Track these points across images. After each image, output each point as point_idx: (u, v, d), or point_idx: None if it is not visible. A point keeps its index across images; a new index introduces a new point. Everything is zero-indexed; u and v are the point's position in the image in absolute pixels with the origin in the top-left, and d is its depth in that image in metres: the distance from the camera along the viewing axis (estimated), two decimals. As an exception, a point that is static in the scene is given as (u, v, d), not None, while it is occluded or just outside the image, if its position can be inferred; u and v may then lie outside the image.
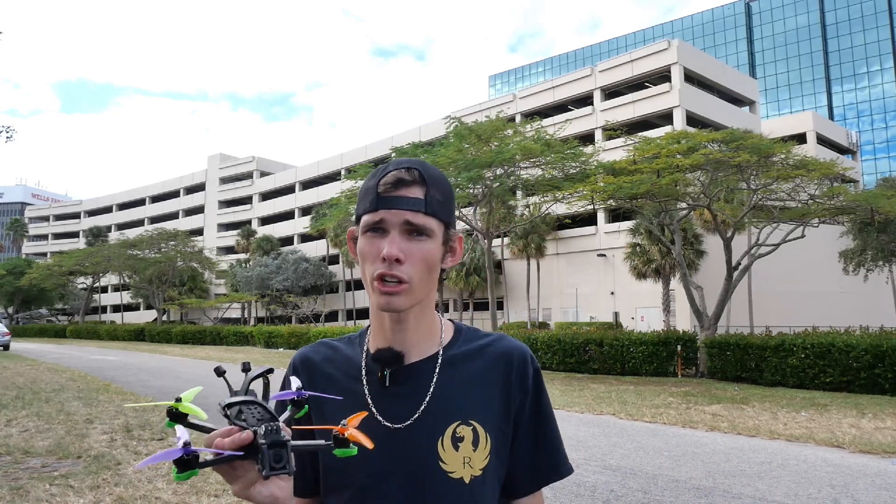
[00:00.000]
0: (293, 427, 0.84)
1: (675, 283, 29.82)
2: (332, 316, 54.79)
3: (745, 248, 18.93)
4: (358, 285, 52.04)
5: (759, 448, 7.25)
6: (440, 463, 0.99)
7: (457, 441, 1.00)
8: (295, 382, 0.91)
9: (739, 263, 17.92)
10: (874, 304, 36.58)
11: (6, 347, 28.94)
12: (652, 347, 16.62)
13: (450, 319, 1.13)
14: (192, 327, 42.05)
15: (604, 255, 37.79)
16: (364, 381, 1.05)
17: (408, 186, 0.98)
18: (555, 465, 1.09)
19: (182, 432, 0.76)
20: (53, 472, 5.73)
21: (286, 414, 0.87)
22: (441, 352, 1.06)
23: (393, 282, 0.96)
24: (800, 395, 12.15)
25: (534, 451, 1.07)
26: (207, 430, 0.81)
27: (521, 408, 1.06)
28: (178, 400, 0.79)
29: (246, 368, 0.88)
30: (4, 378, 14.54)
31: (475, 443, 1.00)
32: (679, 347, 16.46)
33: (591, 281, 38.72)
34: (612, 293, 37.59)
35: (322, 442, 0.80)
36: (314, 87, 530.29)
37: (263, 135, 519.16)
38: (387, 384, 1.03)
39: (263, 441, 0.74)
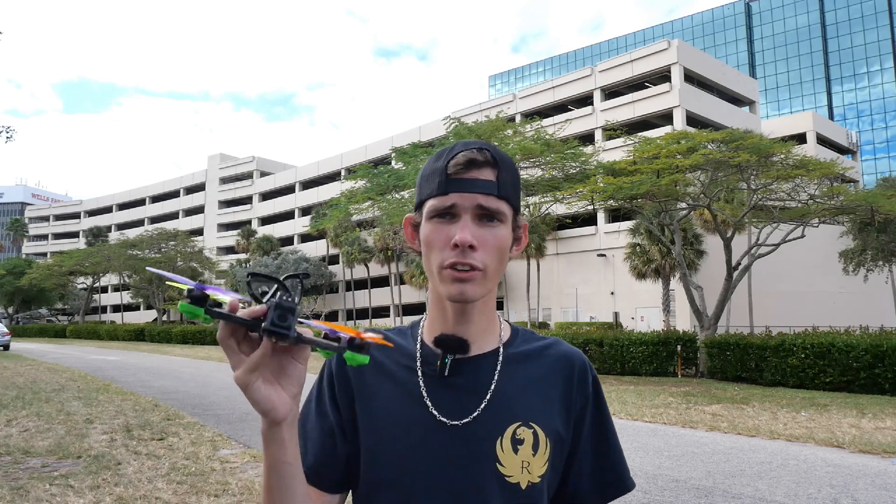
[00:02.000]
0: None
1: (675, 283, 29.81)
2: (332, 316, 54.76)
3: (744, 248, 18.92)
4: (358, 285, 52.06)
5: (759, 448, 7.25)
6: (498, 465, 0.92)
7: (517, 443, 0.93)
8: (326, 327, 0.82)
9: (739, 263, 17.92)
10: (874, 304, 36.56)
11: (6, 347, 28.94)
12: (652, 347, 16.61)
13: (506, 320, 1.07)
14: (193, 327, 42.03)
15: (604, 255, 37.79)
16: (419, 371, 0.98)
17: (479, 168, 0.92)
18: (619, 477, 1.02)
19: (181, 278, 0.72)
20: (53, 472, 5.73)
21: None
22: (501, 348, 1.00)
23: (465, 269, 0.90)
24: (800, 395, 12.15)
25: (596, 463, 1.01)
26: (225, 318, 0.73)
27: (582, 415, 1.00)
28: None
29: (303, 277, 0.81)
30: (4, 378, 14.54)
31: (535, 447, 0.94)
32: (679, 347, 16.46)
33: (591, 281, 38.71)
34: (612, 293, 37.59)
35: (335, 344, 0.74)
36: (316, 87, 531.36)
37: (265, 135, 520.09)
38: (446, 374, 0.96)
39: (273, 300, 0.71)
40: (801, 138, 44.05)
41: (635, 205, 19.83)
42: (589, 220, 38.06)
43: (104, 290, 68.61)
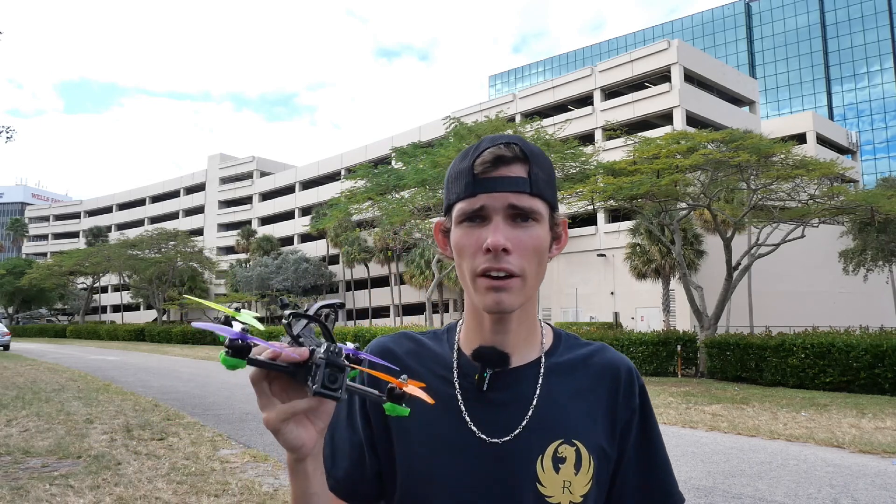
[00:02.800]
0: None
1: (675, 283, 29.80)
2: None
3: (744, 248, 18.92)
4: (358, 285, 52.05)
5: (759, 448, 7.25)
6: (538, 485, 0.87)
7: (558, 462, 0.88)
8: (352, 345, 0.81)
9: (739, 263, 17.92)
10: (874, 304, 36.54)
11: (6, 347, 28.93)
12: (652, 347, 16.61)
13: (547, 323, 1.01)
14: (193, 327, 42.00)
15: (604, 255, 37.78)
16: (456, 384, 0.92)
17: (508, 165, 0.85)
18: (667, 494, 0.96)
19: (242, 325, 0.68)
20: (53, 472, 5.73)
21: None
22: (543, 358, 0.94)
23: (501, 275, 0.83)
24: (800, 395, 12.15)
25: (643, 478, 0.95)
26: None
27: (628, 427, 0.94)
28: (238, 310, 0.72)
29: (284, 304, 0.77)
30: (4, 378, 14.54)
31: (577, 465, 0.88)
32: (679, 347, 16.46)
33: (591, 281, 38.70)
34: (612, 293, 37.58)
35: (375, 391, 0.73)
36: (317, 87, 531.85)
37: (265, 135, 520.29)
38: (484, 388, 0.90)
39: (322, 357, 0.67)
40: (801, 138, 44.03)
41: (635, 205, 19.83)
42: (589, 220, 38.05)
43: (104, 290, 68.61)
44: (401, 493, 0.91)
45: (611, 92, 41.68)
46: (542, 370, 0.93)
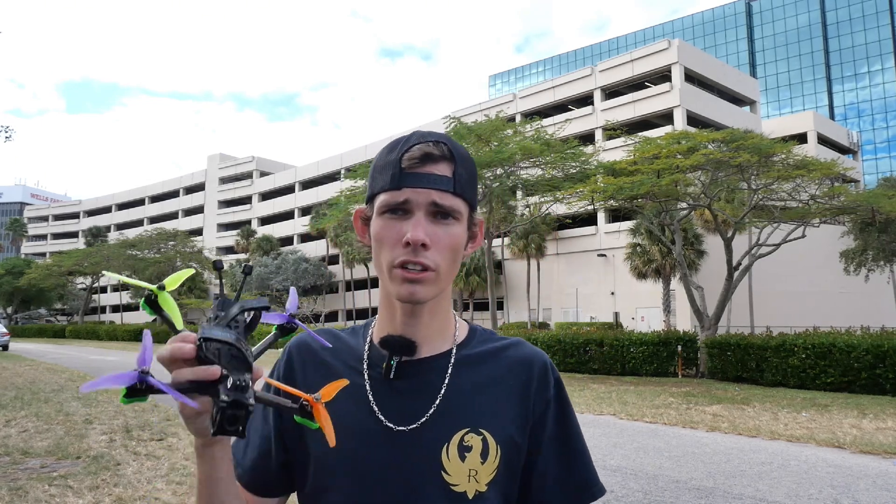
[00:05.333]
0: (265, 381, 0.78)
1: (676, 283, 29.80)
2: (331, 316, 54.76)
3: (745, 248, 18.91)
4: (358, 285, 52.05)
5: (759, 448, 7.24)
6: (443, 473, 0.88)
7: (464, 450, 0.89)
8: (292, 300, 0.83)
9: (740, 263, 17.90)
10: (875, 305, 36.54)
11: (5, 348, 28.92)
12: (652, 348, 16.60)
13: (464, 320, 1.03)
14: (192, 327, 41.79)
15: (604, 255, 37.77)
16: (365, 374, 0.94)
17: (435, 162, 0.87)
18: (586, 484, 0.97)
19: (147, 347, 0.67)
20: (52, 473, 5.72)
21: (269, 338, 0.79)
22: (454, 350, 0.95)
23: (417, 269, 0.85)
24: (801, 396, 12.13)
25: (560, 470, 0.95)
26: (176, 330, 0.74)
27: (542, 420, 0.95)
28: (162, 288, 0.72)
29: (247, 271, 0.81)
30: (3, 378, 14.52)
31: (484, 454, 0.89)
32: (679, 348, 16.44)
33: (591, 281, 38.70)
34: (613, 293, 37.57)
35: (288, 402, 0.74)
36: (320, 87, 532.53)
37: (267, 135, 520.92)
38: (391, 376, 0.92)
39: (225, 399, 0.65)
40: (801, 138, 44.05)
41: (636, 205, 19.82)
42: (589, 220, 38.05)
43: (103, 290, 68.63)
44: (311, 482, 0.93)
45: (611, 92, 41.68)
46: (451, 361, 0.94)
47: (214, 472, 0.80)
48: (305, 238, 56.69)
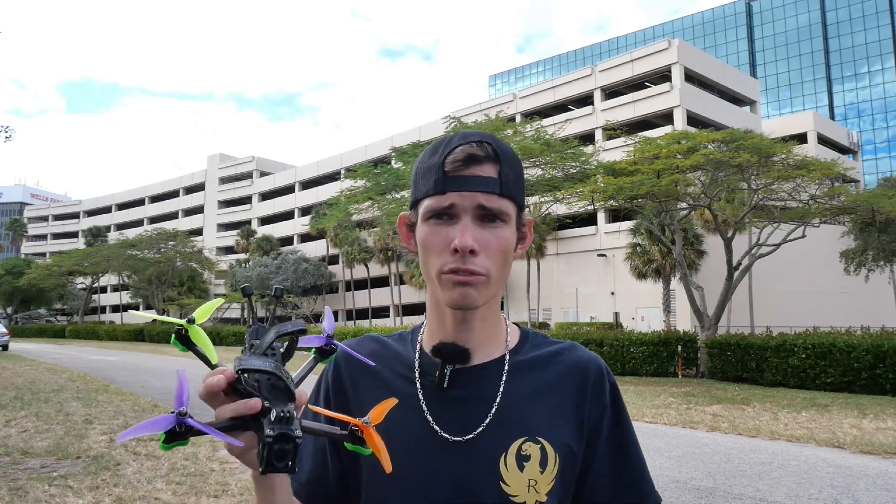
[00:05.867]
0: (308, 407, 0.75)
1: (676, 283, 29.79)
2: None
3: (745, 248, 18.91)
4: (358, 285, 52.04)
5: (759, 448, 7.23)
6: (501, 483, 0.85)
7: (522, 460, 0.86)
8: (328, 321, 0.79)
9: (740, 263, 17.90)
10: (875, 305, 36.53)
11: (5, 348, 28.91)
12: (652, 348, 16.60)
13: (514, 323, 1.01)
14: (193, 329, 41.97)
15: (604, 255, 37.77)
16: (417, 383, 0.91)
17: (480, 164, 0.84)
18: (643, 494, 0.94)
19: (183, 386, 0.65)
20: (52, 473, 5.71)
21: (308, 363, 0.76)
22: (507, 356, 0.93)
23: (467, 274, 0.83)
24: (801, 396, 12.13)
25: (615, 478, 0.93)
26: (211, 365, 0.71)
27: (598, 426, 0.93)
28: (191, 321, 0.70)
29: (277, 295, 0.78)
30: (3, 378, 14.52)
31: (543, 463, 0.87)
32: (679, 348, 16.44)
33: (591, 281, 38.69)
34: (613, 293, 37.56)
35: (337, 429, 0.70)
36: (320, 87, 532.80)
37: (267, 135, 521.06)
38: (445, 385, 0.89)
39: (270, 433, 0.62)
40: (801, 138, 44.03)
41: (636, 205, 19.82)
42: (589, 220, 38.04)
43: (103, 290, 68.59)
44: (365, 494, 0.90)
45: (611, 92, 41.67)
46: (506, 367, 0.92)
47: (273, 497, 0.77)
48: (305, 238, 56.69)
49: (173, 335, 0.70)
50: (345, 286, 52.77)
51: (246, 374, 0.68)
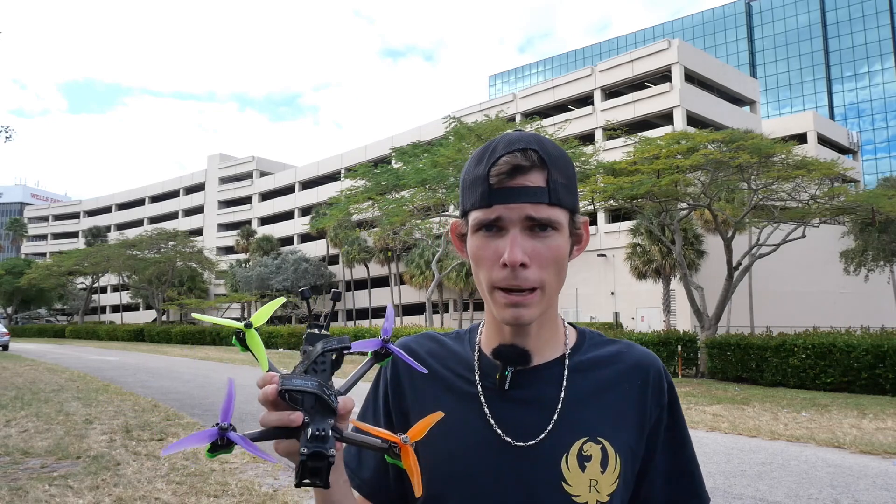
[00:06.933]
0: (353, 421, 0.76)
1: (676, 284, 29.79)
2: (331, 316, 54.71)
3: (745, 249, 18.91)
4: (358, 285, 52.05)
5: (759, 448, 7.24)
6: (564, 484, 0.85)
7: (584, 460, 0.86)
8: (388, 322, 0.79)
9: (740, 263, 17.90)
10: (875, 305, 36.54)
11: (5, 348, 28.91)
12: (652, 348, 16.58)
13: (570, 323, 0.99)
14: (192, 327, 42.01)
15: (604, 255, 37.76)
16: (478, 384, 0.91)
17: (525, 173, 0.81)
18: (695, 494, 0.94)
19: (230, 398, 0.67)
20: (52, 473, 5.72)
21: (362, 367, 0.77)
22: (567, 356, 0.92)
23: (519, 294, 0.81)
24: (800, 396, 12.13)
25: (670, 478, 0.93)
26: (269, 370, 0.74)
27: (657, 426, 0.92)
28: (249, 325, 0.72)
29: (306, 296, 0.80)
30: (3, 378, 14.52)
31: (604, 464, 0.86)
32: (679, 348, 16.45)
33: (591, 281, 38.67)
34: (613, 293, 37.56)
35: (378, 441, 0.72)
36: (322, 87, 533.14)
37: (269, 135, 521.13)
38: (506, 387, 0.88)
39: (304, 451, 0.65)
40: (801, 138, 44.02)
41: (635, 205, 19.81)
42: (589, 220, 37.83)
43: (103, 290, 68.61)
44: (425, 494, 0.89)
45: (611, 92, 41.66)
46: (565, 368, 0.91)
47: (330, 496, 0.79)
48: (305, 238, 56.67)
49: (233, 336, 0.75)
50: (345, 286, 52.76)
51: (288, 394, 0.71)
